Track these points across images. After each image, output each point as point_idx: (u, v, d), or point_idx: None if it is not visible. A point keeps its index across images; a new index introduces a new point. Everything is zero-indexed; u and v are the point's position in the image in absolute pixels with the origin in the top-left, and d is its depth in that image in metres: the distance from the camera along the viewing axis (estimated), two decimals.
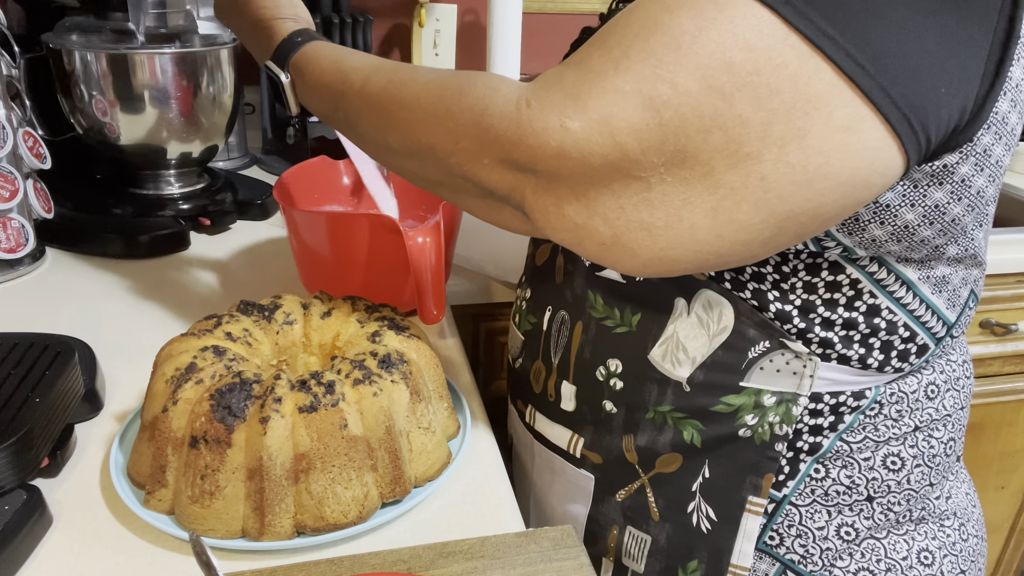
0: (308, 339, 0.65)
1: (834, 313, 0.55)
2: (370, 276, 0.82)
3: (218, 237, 1.06)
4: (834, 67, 0.41)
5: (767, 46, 0.41)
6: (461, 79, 0.49)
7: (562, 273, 0.66)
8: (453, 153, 0.49)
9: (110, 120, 0.99)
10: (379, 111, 0.54)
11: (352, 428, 0.55)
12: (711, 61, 0.41)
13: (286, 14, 0.64)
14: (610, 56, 0.44)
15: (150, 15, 0.99)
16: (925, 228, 0.51)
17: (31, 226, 0.92)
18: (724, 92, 0.41)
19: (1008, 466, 1.39)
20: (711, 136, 0.42)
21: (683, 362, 0.59)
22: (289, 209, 0.82)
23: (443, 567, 0.52)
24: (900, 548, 0.62)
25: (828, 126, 0.42)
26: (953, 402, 0.63)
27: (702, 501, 0.62)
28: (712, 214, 0.44)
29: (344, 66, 0.57)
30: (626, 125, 0.42)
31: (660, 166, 0.43)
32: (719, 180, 0.43)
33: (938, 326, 0.58)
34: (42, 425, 0.59)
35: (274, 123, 1.33)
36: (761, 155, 0.42)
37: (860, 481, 0.60)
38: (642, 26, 0.43)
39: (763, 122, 0.42)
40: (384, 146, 0.55)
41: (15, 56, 0.94)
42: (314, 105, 0.61)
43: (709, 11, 0.42)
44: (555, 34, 1.55)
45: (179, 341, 0.61)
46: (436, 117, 0.49)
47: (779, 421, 0.58)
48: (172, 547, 0.55)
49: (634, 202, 0.45)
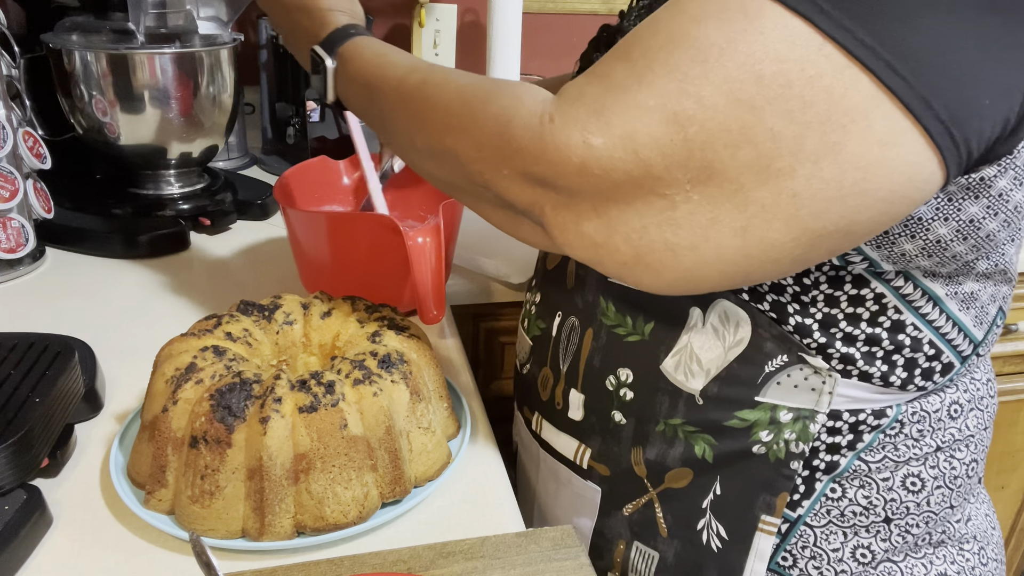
0: (308, 339, 0.65)
1: (856, 328, 0.54)
2: (370, 276, 0.82)
3: (218, 237, 1.06)
4: (873, 78, 0.39)
5: (800, 57, 0.39)
6: (489, 87, 0.49)
7: (573, 278, 0.65)
8: (475, 160, 0.48)
9: (110, 120, 0.99)
10: (410, 110, 0.54)
11: (352, 428, 0.55)
12: (739, 74, 0.40)
13: (342, 7, 0.64)
14: (634, 70, 0.42)
15: (150, 15, 0.99)
16: (958, 243, 0.49)
17: (31, 226, 0.92)
18: (754, 105, 0.40)
19: (1008, 466, 1.39)
20: (740, 151, 0.41)
21: (696, 374, 0.57)
22: (289, 209, 0.82)
23: (443, 567, 0.52)
24: (918, 572, 0.60)
25: (866, 140, 0.40)
26: (976, 422, 0.61)
27: (713, 518, 0.60)
28: (741, 233, 0.42)
29: (384, 61, 0.57)
30: (650, 140, 0.41)
31: (686, 183, 0.42)
32: (749, 197, 0.41)
33: (964, 344, 0.56)
34: (42, 425, 0.59)
35: (274, 123, 1.33)
36: (794, 171, 0.41)
37: (878, 502, 0.58)
38: (667, 38, 0.42)
39: (796, 136, 0.40)
40: (411, 145, 0.55)
41: (15, 56, 0.94)
42: (350, 96, 0.61)
43: (738, 22, 0.40)
44: (555, 34, 1.55)
45: (179, 341, 0.61)
46: (461, 122, 0.49)
47: (795, 438, 0.56)
48: (172, 547, 0.55)
49: (658, 221, 0.43)
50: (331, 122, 1.23)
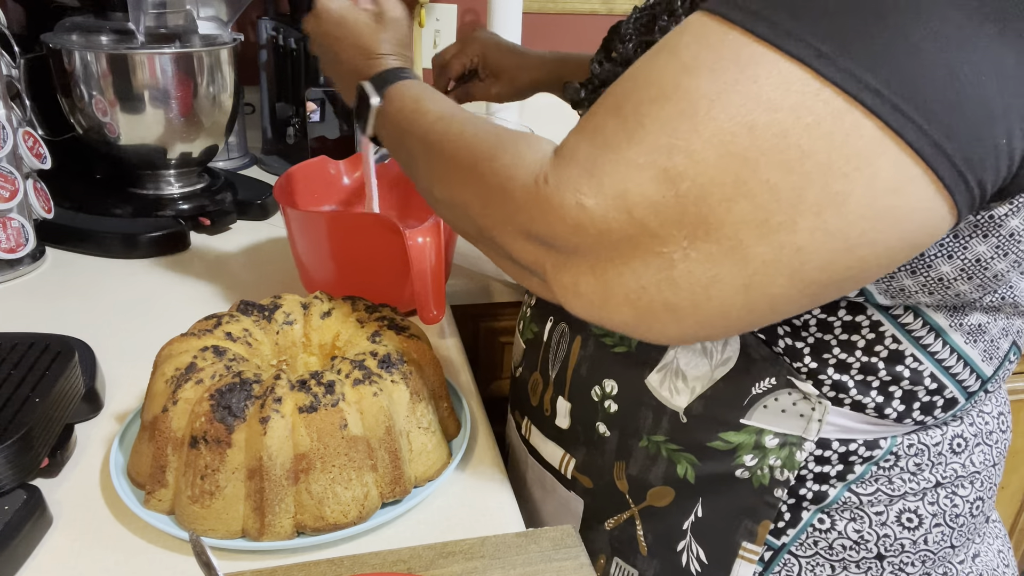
0: (308, 339, 0.65)
1: (851, 356, 0.51)
2: (370, 276, 0.82)
3: (218, 237, 1.06)
4: (878, 121, 0.37)
5: (795, 104, 0.37)
6: (495, 142, 0.48)
7: None
8: (482, 216, 0.48)
9: (110, 120, 0.99)
10: (430, 159, 0.54)
11: (352, 428, 0.55)
12: (730, 126, 0.38)
13: (396, 52, 0.65)
14: (625, 126, 0.41)
15: (150, 15, 0.99)
16: (962, 282, 0.47)
17: (31, 226, 0.92)
18: (747, 157, 0.38)
19: (1008, 466, 1.39)
20: (735, 206, 0.39)
21: (681, 391, 0.56)
22: (289, 209, 0.82)
23: (443, 567, 0.51)
24: None
25: (872, 188, 0.38)
26: (984, 458, 0.58)
27: (693, 541, 0.59)
28: (744, 291, 0.41)
29: (419, 107, 0.57)
30: (642, 199, 0.40)
31: (682, 240, 0.40)
32: (749, 253, 0.39)
33: (970, 379, 0.53)
34: (42, 425, 0.59)
35: (274, 123, 1.33)
36: (795, 224, 0.38)
37: (870, 537, 0.56)
38: (659, 91, 0.41)
39: (795, 188, 0.38)
40: (429, 193, 0.55)
41: (15, 56, 0.94)
42: (384, 135, 0.61)
43: (730, 72, 0.39)
44: (555, 34, 1.55)
45: (179, 341, 0.60)
46: (469, 177, 0.49)
47: (780, 465, 0.54)
48: (172, 547, 0.55)
49: (656, 281, 0.42)
50: (331, 122, 1.24)
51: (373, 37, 0.65)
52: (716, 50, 0.40)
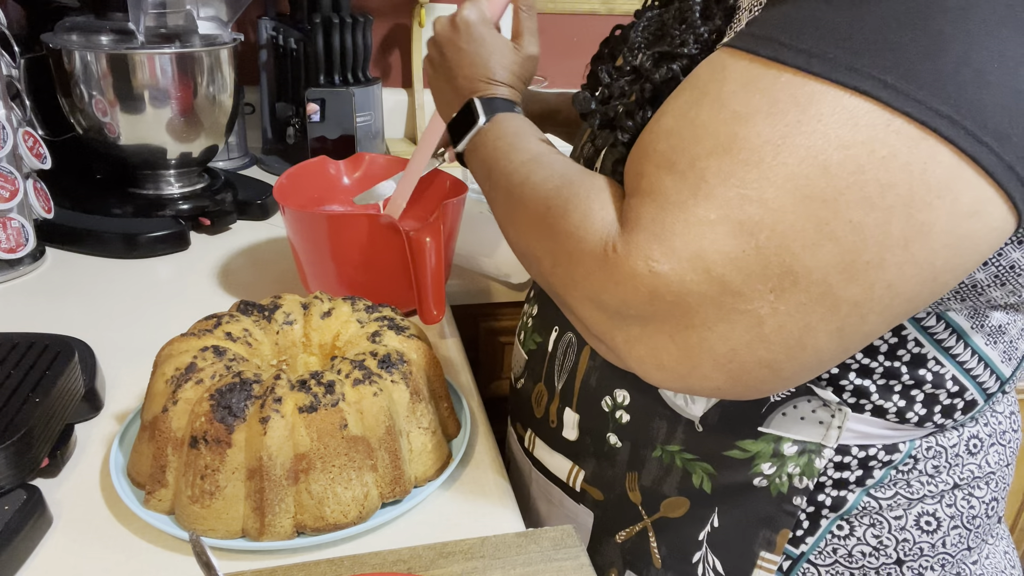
0: (308, 339, 0.65)
1: (874, 360, 0.50)
2: (370, 276, 0.82)
3: (218, 237, 1.06)
4: (953, 148, 0.36)
5: (867, 138, 0.36)
6: (569, 195, 0.46)
7: None
8: (551, 274, 0.47)
9: (110, 120, 1.00)
10: (509, 199, 0.52)
11: (352, 428, 0.55)
12: (802, 169, 0.37)
13: (516, 84, 0.64)
14: (685, 182, 0.40)
15: (150, 15, 0.99)
16: (995, 288, 0.47)
17: (31, 226, 0.92)
18: (825, 199, 0.37)
19: None
20: (820, 250, 0.37)
21: (697, 399, 0.55)
22: (289, 209, 0.82)
23: (443, 567, 0.51)
24: None
25: (954, 215, 0.37)
26: (998, 458, 0.58)
27: (709, 552, 0.57)
28: (838, 335, 0.40)
29: (516, 142, 0.56)
30: (720, 256, 0.38)
31: (768, 293, 0.39)
32: (840, 298, 0.38)
33: (990, 380, 0.53)
34: (42, 425, 0.59)
35: (274, 123, 1.33)
36: (883, 260, 0.38)
37: (889, 542, 0.55)
38: (714, 143, 0.39)
39: (879, 223, 0.37)
40: (505, 231, 0.54)
41: (15, 56, 0.94)
42: (474, 159, 0.60)
43: (790, 114, 0.37)
44: (555, 34, 1.55)
45: (179, 341, 0.61)
46: (540, 231, 0.47)
47: (799, 473, 0.53)
48: (172, 547, 0.55)
49: (747, 340, 0.40)
50: (331, 122, 1.24)
51: (501, 63, 0.64)
52: (769, 93, 0.39)
